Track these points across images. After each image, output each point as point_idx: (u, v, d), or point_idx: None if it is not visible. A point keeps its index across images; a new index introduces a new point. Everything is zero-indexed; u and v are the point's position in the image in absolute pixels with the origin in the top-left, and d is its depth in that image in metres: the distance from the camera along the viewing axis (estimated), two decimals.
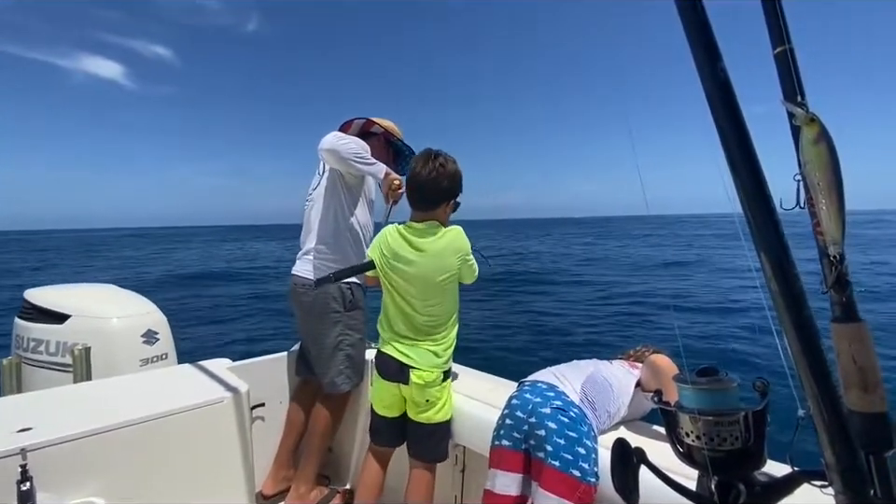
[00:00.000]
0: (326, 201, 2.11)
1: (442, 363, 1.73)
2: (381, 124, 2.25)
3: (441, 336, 1.75)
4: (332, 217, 2.11)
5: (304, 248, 2.16)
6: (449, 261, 1.72)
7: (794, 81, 0.55)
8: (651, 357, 1.55)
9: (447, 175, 1.71)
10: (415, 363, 1.70)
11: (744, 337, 7.05)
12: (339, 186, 2.11)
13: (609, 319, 8.52)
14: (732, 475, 0.60)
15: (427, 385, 1.69)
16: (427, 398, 1.70)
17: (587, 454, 1.32)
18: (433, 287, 1.71)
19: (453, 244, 1.73)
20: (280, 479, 2.17)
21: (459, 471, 1.92)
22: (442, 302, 1.74)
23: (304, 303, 2.10)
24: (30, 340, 2.25)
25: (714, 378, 0.63)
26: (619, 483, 0.70)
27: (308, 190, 2.23)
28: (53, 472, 1.27)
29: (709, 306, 8.77)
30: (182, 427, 1.51)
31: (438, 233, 1.73)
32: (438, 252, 1.71)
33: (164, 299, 2.79)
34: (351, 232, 2.14)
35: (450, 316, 1.77)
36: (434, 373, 1.70)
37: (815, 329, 0.49)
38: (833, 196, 0.53)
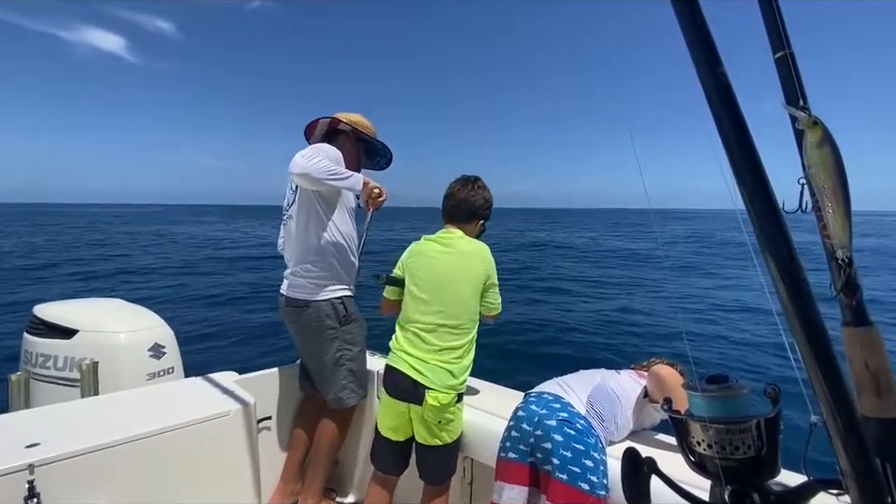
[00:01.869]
0: (303, 217, 2.03)
1: (458, 384, 1.67)
2: (348, 120, 2.15)
3: (458, 355, 1.68)
4: (313, 232, 2.02)
5: (290, 268, 2.09)
6: (475, 265, 1.75)
7: (796, 85, 0.55)
8: (655, 367, 1.52)
9: (482, 197, 1.87)
10: (431, 383, 1.62)
11: (753, 343, 6.96)
12: (314, 200, 2.02)
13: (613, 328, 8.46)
14: (745, 484, 0.59)
15: (443, 407, 1.62)
16: (440, 419, 1.64)
17: (595, 466, 1.30)
18: (456, 287, 1.71)
19: (481, 251, 1.80)
20: (287, 493, 2.15)
21: (467, 483, 1.89)
22: (464, 307, 1.70)
23: (298, 323, 2.06)
24: (38, 355, 2.27)
25: (724, 385, 0.62)
26: (629, 494, 0.68)
27: (283, 206, 2.15)
28: (61, 488, 1.26)
29: (718, 312, 8.69)
30: (189, 440, 1.51)
31: (467, 238, 1.82)
32: (465, 252, 1.77)
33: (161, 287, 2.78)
34: (335, 245, 2.06)
35: (468, 335, 1.72)
36: (450, 395, 1.64)
37: (825, 333, 0.48)
38: (840, 199, 0.53)
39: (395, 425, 1.72)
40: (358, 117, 2.19)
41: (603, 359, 6.94)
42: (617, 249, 22.41)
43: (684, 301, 10.03)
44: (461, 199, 1.84)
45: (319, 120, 2.16)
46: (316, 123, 2.17)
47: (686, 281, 12.34)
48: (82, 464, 1.32)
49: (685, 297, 10.21)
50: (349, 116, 2.18)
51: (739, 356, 6.54)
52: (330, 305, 2.02)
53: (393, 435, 1.73)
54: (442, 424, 1.65)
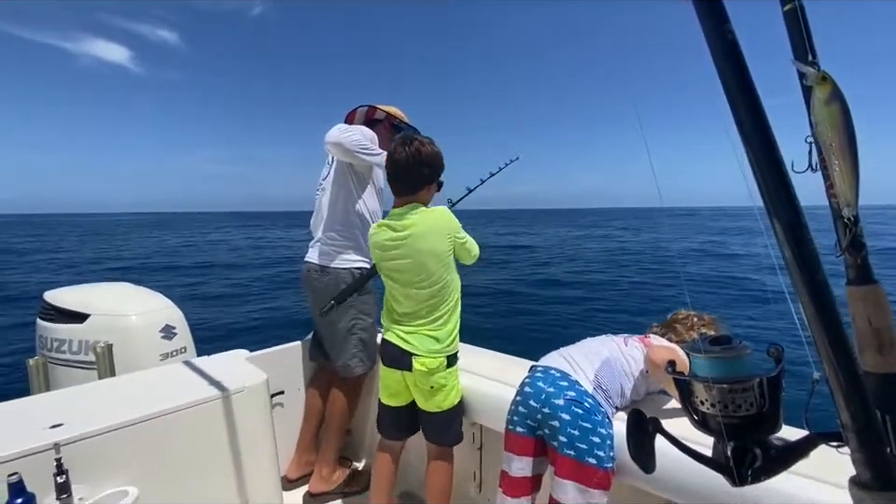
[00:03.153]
0: (336, 189, 2.14)
1: (444, 348, 1.69)
2: (385, 110, 2.25)
3: (442, 321, 1.70)
4: (342, 204, 2.14)
5: (316, 236, 2.20)
6: (438, 243, 1.65)
7: (805, 40, 0.54)
8: (650, 353, 1.50)
9: (425, 156, 1.66)
10: (416, 349, 1.67)
11: (757, 305, 7.00)
12: (348, 174, 2.13)
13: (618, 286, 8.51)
14: (747, 440, 0.60)
15: (431, 371, 1.67)
16: (430, 384, 1.68)
17: (602, 441, 1.32)
18: (425, 269, 1.66)
19: (438, 222, 1.67)
20: (303, 463, 2.23)
21: (477, 449, 1.95)
22: (439, 282, 1.67)
23: (317, 289, 2.13)
24: (53, 340, 2.32)
25: (727, 346, 0.63)
26: (634, 452, 0.70)
27: (319, 180, 2.26)
28: (86, 464, 1.32)
29: (721, 275, 8.71)
30: (206, 416, 1.56)
31: (420, 212, 1.68)
32: (424, 233, 1.65)
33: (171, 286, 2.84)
34: (360, 219, 2.16)
35: (450, 298, 1.71)
36: (437, 360, 1.67)
37: (829, 291, 0.48)
38: (847, 157, 0.52)
39: (392, 392, 1.79)
40: (394, 108, 2.30)
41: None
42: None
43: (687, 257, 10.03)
44: (401, 165, 1.65)
45: (358, 109, 2.25)
46: (355, 112, 2.26)
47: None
48: (104, 442, 1.37)
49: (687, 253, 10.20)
50: (386, 107, 2.28)
51: (745, 318, 6.59)
52: (350, 274, 2.11)
53: (392, 401, 1.80)
54: (435, 389, 1.69)
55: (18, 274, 13.82)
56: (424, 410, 1.75)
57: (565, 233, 32.84)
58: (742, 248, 10.57)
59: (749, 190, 0.50)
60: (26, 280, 11.84)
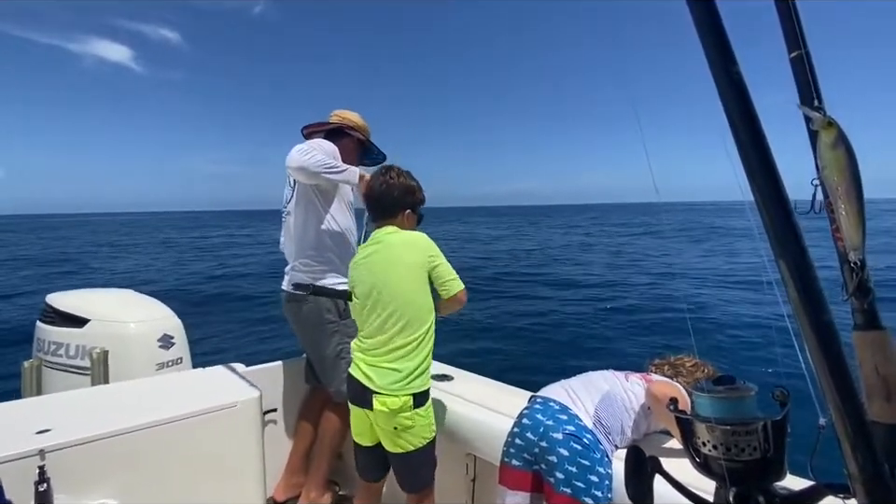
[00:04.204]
0: (302, 213, 2.06)
1: (408, 384, 1.55)
2: (343, 118, 2.20)
3: (408, 351, 1.58)
4: (313, 227, 2.06)
5: (290, 263, 2.13)
6: (410, 255, 1.62)
7: (811, 85, 0.55)
8: (650, 387, 1.47)
9: (397, 186, 1.73)
10: (377, 387, 1.55)
11: (762, 346, 6.89)
12: (313, 194, 2.06)
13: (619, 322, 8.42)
14: (750, 486, 0.58)
15: (393, 411, 1.53)
16: (394, 425, 1.55)
17: (600, 481, 1.28)
18: (391, 282, 1.60)
19: (413, 239, 1.67)
20: (291, 484, 2.17)
21: (470, 480, 1.90)
22: (405, 301, 1.59)
23: (299, 317, 2.08)
24: (51, 343, 2.31)
25: (731, 386, 0.62)
26: (632, 492, 0.68)
27: (283, 203, 2.18)
28: (70, 474, 1.29)
29: (727, 316, 8.61)
30: (196, 430, 1.53)
31: (396, 230, 1.70)
32: (395, 243, 1.65)
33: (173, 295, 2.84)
34: (333, 239, 2.09)
35: (419, 325, 1.60)
36: (400, 398, 1.53)
37: (836, 335, 0.47)
38: (853, 201, 0.52)
39: (359, 430, 1.69)
40: (354, 116, 2.24)
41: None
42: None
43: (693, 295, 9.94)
44: (376, 195, 1.72)
45: (317, 125, 2.21)
46: (313, 127, 2.21)
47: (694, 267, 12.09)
48: (91, 450, 1.34)
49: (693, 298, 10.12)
50: (344, 114, 2.23)
51: (748, 358, 6.47)
52: (330, 299, 2.04)
53: (361, 440, 1.70)
54: (399, 430, 1.56)
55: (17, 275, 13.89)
56: (389, 451, 1.62)
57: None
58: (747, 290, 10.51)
59: (756, 231, 0.50)
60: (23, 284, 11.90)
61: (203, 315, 8.76)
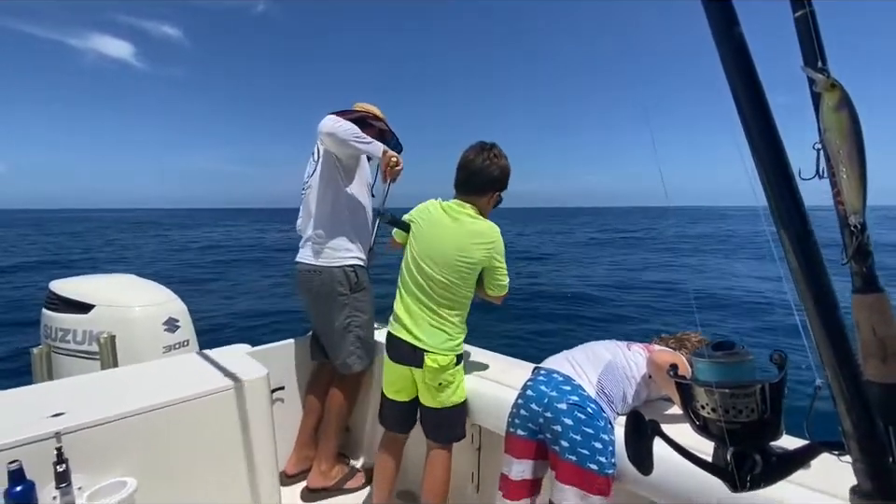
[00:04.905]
0: (323, 186, 2.11)
1: (455, 346, 1.73)
2: (364, 109, 2.23)
3: (454, 320, 1.73)
4: (331, 201, 2.11)
5: (306, 235, 2.17)
6: (476, 249, 1.69)
7: (815, 46, 0.53)
8: (652, 356, 1.50)
9: (499, 166, 1.74)
10: (428, 346, 1.69)
11: (761, 310, 6.96)
12: (336, 170, 2.11)
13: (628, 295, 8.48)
14: (748, 446, 0.60)
15: (442, 368, 1.69)
16: (440, 381, 1.70)
17: (604, 447, 1.32)
18: (455, 265, 1.69)
19: (486, 232, 1.72)
20: (302, 458, 2.24)
21: (476, 449, 1.95)
22: (461, 283, 1.71)
23: (311, 289, 2.12)
24: (57, 329, 2.33)
25: (730, 351, 0.63)
26: (633, 454, 0.70)
27: (304, 178, 2.22)
28: (86, 454, 1.32)
29: (728, 291, 8.66)
30: (206, 409, 1.57)
31: (476, 217, 1.74)
32: (470, 232, 1.71)
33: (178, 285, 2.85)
34: (351, 214, 2.14)
35: (463, 303, 1.75)
36: (449, 356, 1.70)
37: (834, 298, 0.48)
38: (855, 164, 0.52)
39: (398, 387, 1.80)
40: (375, 108, 2.28)
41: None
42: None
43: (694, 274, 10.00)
44: (475, 169, 1.73)
45: (340, 112, 2.20)
46: (338, 115, 2.21)
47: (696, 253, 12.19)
48: (105, 432, 1.37)
49: (695, 269, 10.17)
50: (365, 105, 2.27)
51: (749, 324, 6.55)
52: (342, 272, 2.09)
53: (397, 396, 1.82)
54: (442, 386, 1.70)
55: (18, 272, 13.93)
56: (427, 406, 1.75)
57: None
58: (746, 253, 10.52)
59: (756, 197, 0.50)
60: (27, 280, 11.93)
61: (206, 298, 8.83)
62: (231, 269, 14.26)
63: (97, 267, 14.69)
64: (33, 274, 12.56)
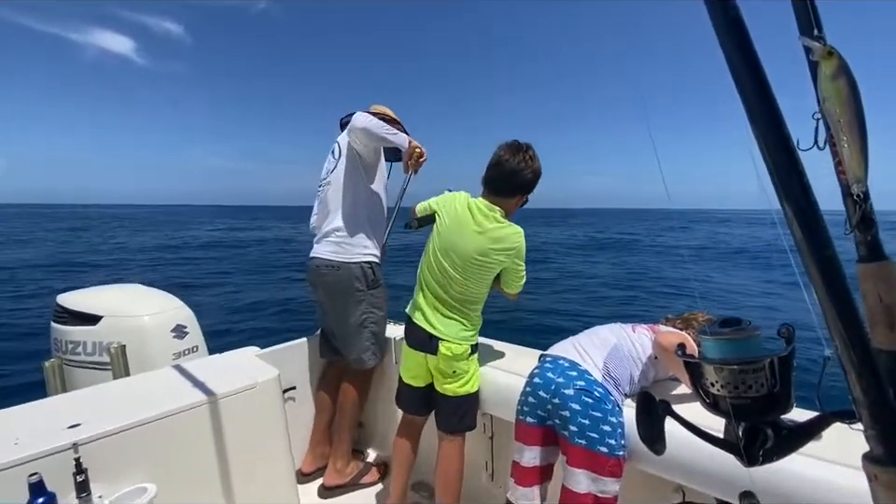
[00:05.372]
0: (345, 182, 2.14)
1: (470, 336, 1.76)
2: (378, 112, 2.24)
3: (471, 311, 1.76)
4: (351, 198, 2.14)
5: (323, 231, 2.18)
6: (499, 255, 1.70)
7: (810, 14, 0.53)
8: (658, 338, 1.50)
9: (532, 169, 1.71)
10: (443, 335, 1.72)
11: (768, 291, 6.95)
12: (358, 167, 2.14)
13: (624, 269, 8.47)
14: (759, 421, 0.60)
15: (455, 357, 1.71)
16: (453, 369, 1.73)
17: (613, 430, 1.33)
18: (473, 266, 1.71)
19: (511, 238, 1.71)
20: (317, 456, 2.26)
21: (488, 438, 1.97)
22: (478, 283, 1.74)
23: (328, 284, 2.14)
24: (67, 342, 2.35)
25: (737, 328, 0.63)
26: (644, 433, 0.70)
27: (322, 174, 2.25)
28: (105, 463, 1.34)
29: (730, 257, 8.63)
30: (220, 413, 1.58)
31: (502, 223, 1.72)
32: (493, 238, 1.70)
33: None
34: (369, 211, 2.17)
35: (481, 297, 1.79)
36: (463, 346, 1.72)
37: (839, 267, 0.48)
38: (855, 132, 0.51)
39: (414, 373, 1.85)
40: (390, 111, 2.30)
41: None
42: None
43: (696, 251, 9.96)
44: (509, 170, 1.69)
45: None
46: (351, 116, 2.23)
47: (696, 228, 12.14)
48: (122, 440, 1.39)
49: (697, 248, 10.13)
50: (381, 108, 2.29)
51: (754, 297, 6.54)
52: (360, 268, 2.11)
53: (413, 381, 1.86)
54: (456, 374, 1.73)
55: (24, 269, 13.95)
56: (441, 393, 1.78)
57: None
58: (748, 230, 10.49)
59: (757, 174, 0.50)
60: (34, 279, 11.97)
61: (213, 302, 8.87)
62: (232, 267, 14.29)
63: (99, 264, 14.70)
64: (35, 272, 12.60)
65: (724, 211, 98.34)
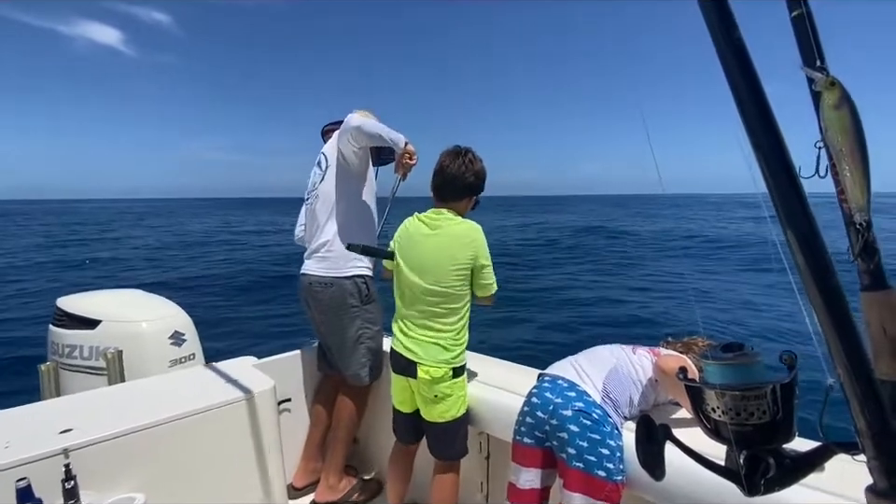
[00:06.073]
0: (335, 196, 2.09)
1: (451, 358, 1.70)
2: (365, 114, 2.18)
3: (449, 331, 1.71)
4: (341, 210, 2.09)
5: (314, 246, 2.14)
6: (461, 249, 1.69)
7: (813, 45, 0.54)
8: (659, 361, 1.48)
9: (474, 171, 1.77)
10: (420, 359, 1.68)
11: (771, 313, 6.90)
12: (347, 177, 2.09)
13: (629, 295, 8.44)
14: (761, 449, 0.59)
15: (435, 380, 1.67)
16: (434, 393, 1.69)
17: (611, 454, 1.30)
18: (440, 270, 1.69)
19: (468, 233, 1.73)
20: (310, 471, 2.22)
21: (484, 458, 1.93)
22: (451, 289, 1.69)
23: (321, 301, 2.11)
24: (64, 346, 2.34)
25: (739, 353, 0.62)
26: (644, 459, 0.69)
27: (309, 186, 2.19)
28: (95, 470, 1.32)
29: (734, 290, 8.61)
30: (214, 423, 1.56)
31: (455, 220, 1.75)
32: (452, 235, 1.71)
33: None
34: (360, 225, 2.13)
35: (461, 310, 1.74)
36: (442, 369, 1.67)
37: (843, 296, 0.48)
38: (857, 161, 0.52)
39: (401, 398, 1.82)
40: (373, 116, 2.24)
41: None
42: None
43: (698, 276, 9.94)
44: (451, 175, 1.74)
45: (338, 122, 2.20)
46: (335, 125, 2.22)
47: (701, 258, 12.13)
48: (113, 447, 1.37)
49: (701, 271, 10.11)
50: (364, 113, 2.23)
51: (757, 325, 6.49)
52: (354, 284, 2.08)
53: (401, 407, 1.83)
54: (438, 398, 1.69)
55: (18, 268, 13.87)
56: (426, 419, 1.75)
57: None
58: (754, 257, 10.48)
59: (760, 198, 0.50)
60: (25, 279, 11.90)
61: (213, 310, 8.83)
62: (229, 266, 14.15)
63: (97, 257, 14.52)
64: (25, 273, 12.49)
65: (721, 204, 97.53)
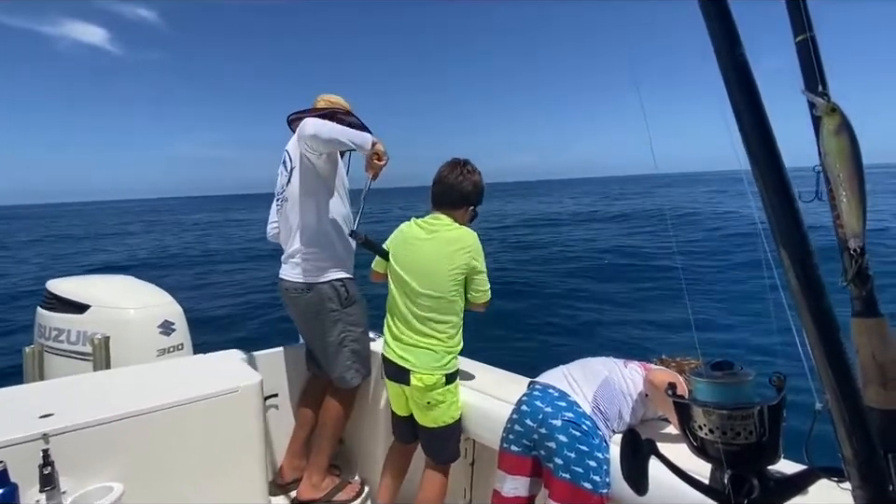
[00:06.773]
0: (303, 198, 2.00)
1: (443, 365, 1.70)
2: (329, 102, 2.14)
3: (442, 337, 1.71)
4: (313, 214, 2.00)
5: (289, 251, 2.06)
6: (457, 255, 1.70)
7: (816, 70, 0.54)
8: (650, 375, 1.48)
9: (472, 182, 1.80)
10: (413, 366, 1.69)
11: (761, 332, 6.93)
12: (314, 179, 1.99)
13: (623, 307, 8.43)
14: (745, 469, 0.59)
15: (428, 387, 1.67)
16: (427, 400, 1.69)
17: (598, 466, 1.30)
18: (435, 274, 1.69)
19: (465, 238, 1.74)
20: (293, 468, 2.20)
21: (469, 464, 1.93)
22: (446, 293, 1.70)
23: (299, 307, 2.07)
24: (52, 329, 2.32)
25: (729, 372, 0.62)
26: (628, 472, 0.69)
27: (277, 188, 2.11)
28: (73, 457, 1.30)
29: (725, 302, 8.63)
30: (198, 415, 1.55)
31: (452, 225, 1.76)
32: (448, 239, 1.72)
33: None
34: (334, 227, 2.05)
35: (452, 317, 1.74)
36: (434, 376, 1.67)
37: (834, 321, 0.48)
38: (855, 188, 0.52)
39: (397, 404, 1.84)
40: (341, 100, 2.18)
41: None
42: None
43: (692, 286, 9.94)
44: (449, 185, 1.78)
45: (305, 111, 2.09)
46: (301, 114, 2.08)
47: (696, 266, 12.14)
48: (94, 435, 1.36)
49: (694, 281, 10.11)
50: (331, 98, 2.18)
51: (746, 344, 6.51)
52: (332, 287, 2.03)
53: (398, 411, 1.85)
54: (431, 405, 1.70)
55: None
56: (420, 424, 1.76)
57: None
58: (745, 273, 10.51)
59: (755, 215, 0.50)
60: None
61: (201, 301, 8.78)
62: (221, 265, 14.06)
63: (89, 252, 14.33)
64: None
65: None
